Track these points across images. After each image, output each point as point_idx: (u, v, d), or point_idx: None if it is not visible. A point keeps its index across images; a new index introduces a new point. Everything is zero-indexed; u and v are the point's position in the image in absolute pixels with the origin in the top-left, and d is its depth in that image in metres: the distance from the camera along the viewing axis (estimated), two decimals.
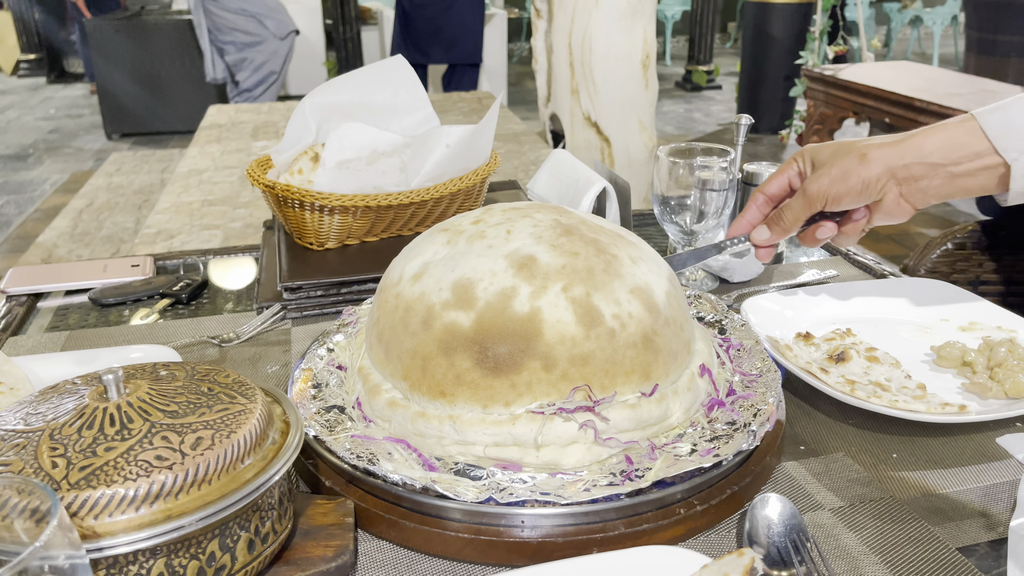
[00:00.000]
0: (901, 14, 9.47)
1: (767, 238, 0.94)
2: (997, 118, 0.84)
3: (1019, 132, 0.82)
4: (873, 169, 0.86)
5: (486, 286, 0.72)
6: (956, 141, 0.85)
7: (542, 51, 3.78)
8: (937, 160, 0.85)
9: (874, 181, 0.86)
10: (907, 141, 0.87)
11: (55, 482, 0.53)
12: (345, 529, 0.66)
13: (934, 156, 0.85)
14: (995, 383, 0.88)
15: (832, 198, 0.89)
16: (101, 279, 1.23)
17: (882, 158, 0.87)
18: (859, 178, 0.87)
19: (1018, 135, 0.82)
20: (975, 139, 0.84)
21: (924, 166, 0.86)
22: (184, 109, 6.41)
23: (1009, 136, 0.83)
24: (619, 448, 0.71)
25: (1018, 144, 0.82)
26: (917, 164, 0.86)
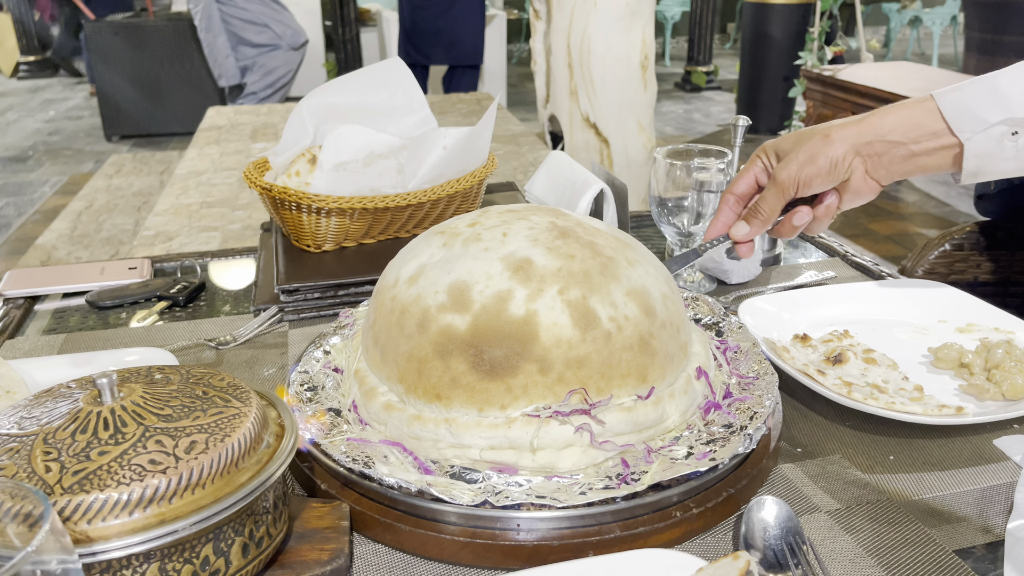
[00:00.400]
0: (900, 14, 9.48)
1: (746, 232, 0.94)
2: (953, 99, 0.85)
3: (973, 114, 0.84)
4: (838, 148, 0.88)
5: (482, 289, 0.72)
6: (914, 120, 0.86)
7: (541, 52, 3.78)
8: (896, 138, 0.87)
9: (841, 159, 0.88)
10: (867, 120, 0.89)
11: (48, 486, 0.52)
12: (340, 533, 0.66)
13: (894, 134, 0.87)
14: (992, 385, 0.87)
15: (803, 182, 0.90)
16: (98, 281, 1.23)
17: (845, 137, 0.88)
18: (826, 158, 0.88)
19: (972, 117, 0.84)
20: (932, 119, 0.86)
21: (885, 143, 0.87)
22: (183, 111, 6.42)
23: (964, 117, 0.84)
24: (615, 451, 0.71)
25: (971, 125, 0.84)
26: (879, 142, 0.87)
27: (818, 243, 1.37)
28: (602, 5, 3.37)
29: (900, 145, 0.87)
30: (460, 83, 5.36)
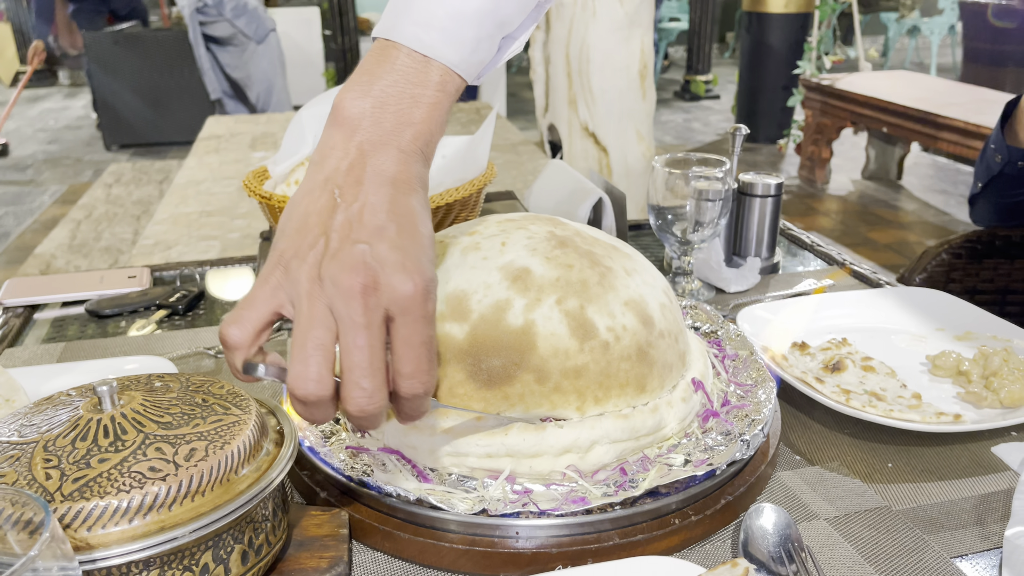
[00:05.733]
0: (899, 24, 9.51)
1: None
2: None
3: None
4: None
5: (480, 298, 0.72)
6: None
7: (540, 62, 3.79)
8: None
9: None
10: None
11: (49, 494, 0.53)
12: (339, 540, 0.66)
13: None
14: (990, 392, 0.88)
15: None
16: (98, 290, 1.23)
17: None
18: None
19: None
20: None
21: None
22: (183, 120, 6.43)
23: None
24: (613, 461, 0.71)
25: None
26: None
27: (817, 251, 1.37)
28: (601, 14, 3.38)
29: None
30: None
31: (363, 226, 0.58)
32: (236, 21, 5.39)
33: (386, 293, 0.56)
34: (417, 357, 0.58)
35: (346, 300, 0.55)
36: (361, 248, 0.56)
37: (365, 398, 0.56)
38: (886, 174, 5.46)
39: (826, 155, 5.29)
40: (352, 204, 0.59)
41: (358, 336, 0.55)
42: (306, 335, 0.56)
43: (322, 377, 0.56)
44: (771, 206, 1.26)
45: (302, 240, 0.59)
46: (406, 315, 0.57)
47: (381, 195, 0.59)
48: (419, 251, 0.59)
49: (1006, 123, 1.36)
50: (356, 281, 0.55)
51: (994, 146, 1.37)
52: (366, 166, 0.60)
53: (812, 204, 5.08)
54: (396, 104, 0.62)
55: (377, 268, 0.56)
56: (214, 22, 5.40)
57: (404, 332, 0.57)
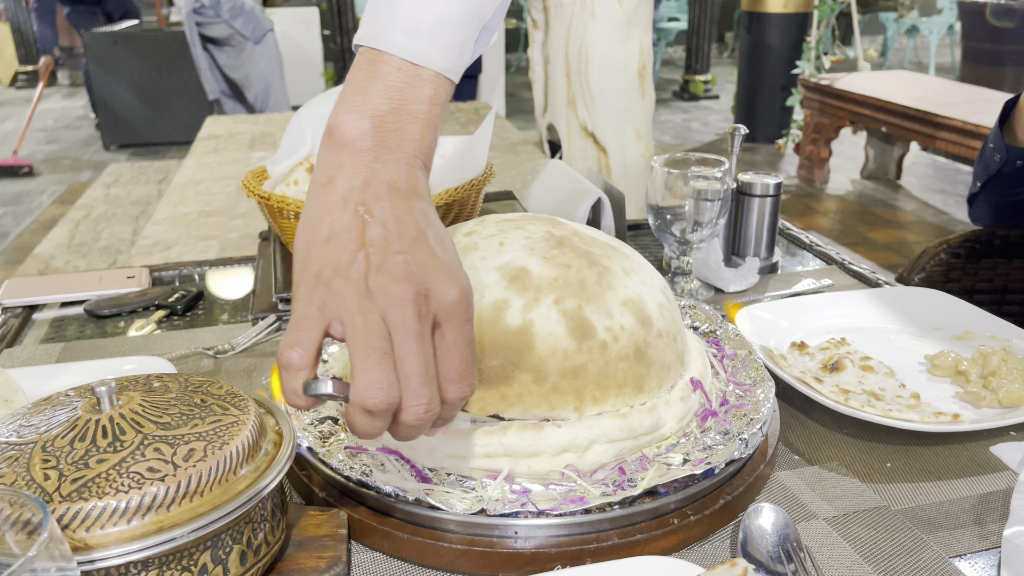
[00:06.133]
0: (897, 24, 9.51)
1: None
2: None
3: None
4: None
5: (478, 298, 0.72)
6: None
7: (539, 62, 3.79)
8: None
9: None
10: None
11: (47, 494, 0.53)
12: (338, 540, 0.66)
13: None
14: (989, 392, 0.88)
15: None
16: (96, 291, 1.23)
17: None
18: None
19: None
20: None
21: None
22: (182, 120, 6.43)
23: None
24: (611, 460, 0.71)
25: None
26: None
27: (816, 251, 1.37)
28: (600, 15, 3.38)
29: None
30: (458, 92, 5.36)
31: (400, 238, 0.58)
32: (233, 22, 5.39)
33: (435, 300, 0.57)
34: (465, 361, 0.58)
35: (399, 309, 0.56)
36: (404, 258, 0.57)
37: (424, 406, 0.57)
38: (885, 174, 5.46)
39: (825, 155, 5.29)
40: (381, 219, 0.59)
41: (413, 344, 0.56)
42: (368, 346, 0.56)
43: (392, 384, 0.56)
44: (770, 206, 1.26)
45: (339, 259, 0.58)
46: (452, 320, 0.57)
47: (405, 208, 0.59)
48: (452, 256, 0.60)
49: (1005, 122, 1.36)
50: (408, 290, 0.56)
51: (993, 145, 1.37)
52: (382, 182, 0.60)
53: (811, 204, 5.08)
54: (395, 123, 0.62)
55: (424, 276, 0.57)
56: (211, 23, 5.40)
57: (451, 336, 0.57)
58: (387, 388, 0.55)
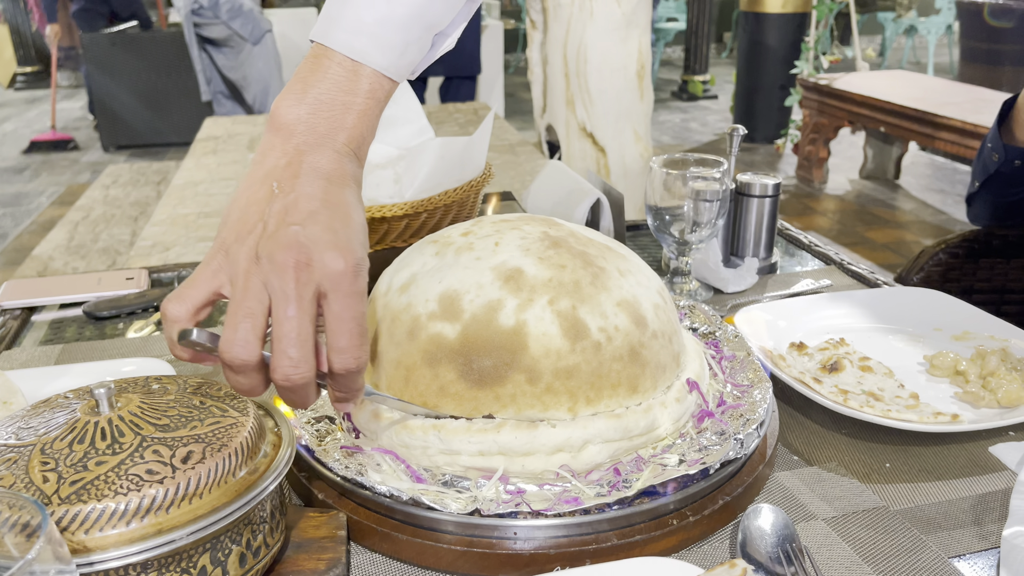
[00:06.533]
0: (896, 23, 9.51)
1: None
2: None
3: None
4: None
5: (472, 298, 0.72)
6: None
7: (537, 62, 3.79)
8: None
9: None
10: None
11: (46, 496, 0.53)
12: (337, 542, 0.66)
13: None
14: (988, 392, 0.88)
15: None
16: (96, 292, 1.23)
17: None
18: None
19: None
20: None
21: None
22: (181, 121, 6.43)
23: None
24: (606, 461, 0.71)
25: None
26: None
27: (814, 251, 1.37)
28: (598, 15, 3.38)
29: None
30: (457, 93, 5.37)
31: (298, 211, 0.62)
32: (232, 23, 5.39)
33: (318, 269, 0.59)
34: (349, 332, 0.60)
35: (279, 274, 0.59)
36: (295, 229, 0.60)
37: (291, 367, 0.59)
38: (883, 173, 5.46)
39: (824, 155, 5.29)
40: (289, 194, 0.63)
41: (288, 308, 0.59)
42: (239, 306, 0.60)
43: (248, 342, 0.59)
44: (768, 206, 1.26)
45: (242, 227, 0.63)
46: (337, 291, 0.60)
47: (316, 186, 0.63)
48: (350, 233, 0.62)
49: (1003, 122, 1.36)
50: (289, 257, 0.59)
51: (991, 145, 1.37)
52: (303, 163, 0.64)
53: (810, 204, 5.08)
54: (329, 111, 0.66)
55: (310, 246, 0.60)
56: (209, 24, 5.40)
57: (336, 307, 0.60)
58: (244, 345, 0.59)
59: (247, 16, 5.42)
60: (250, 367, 0.60)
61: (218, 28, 5.42)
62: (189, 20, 5.36)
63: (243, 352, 0.59)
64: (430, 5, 0.68)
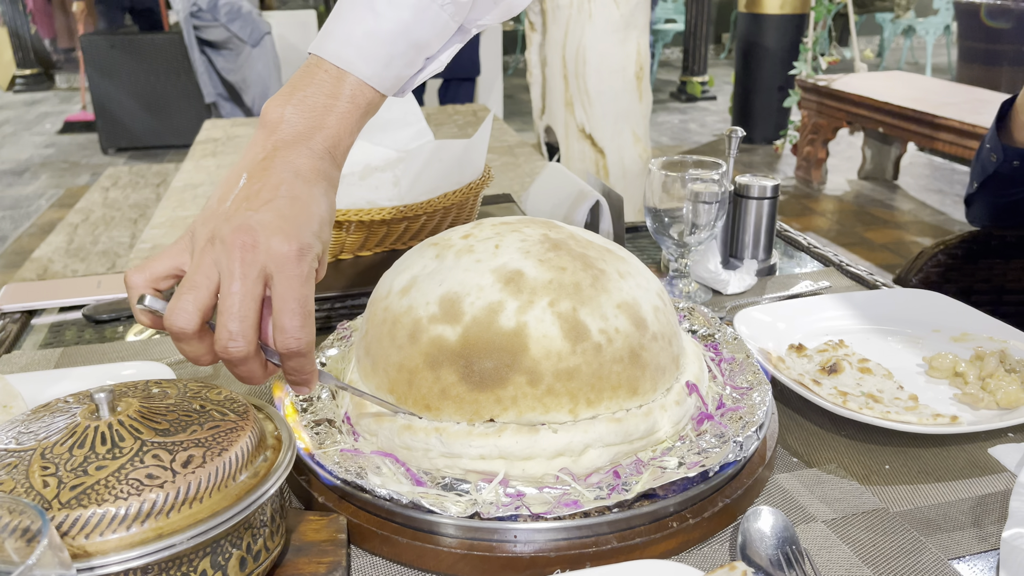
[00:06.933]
0: (894, 24, 9.52)
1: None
2: None
3: None
4: None
5: (473, 300, 0.72)
6: None
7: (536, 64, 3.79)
8: None
9: None
10: None
11: (46, 501, 0.53)
12: (338, 545, 0.66)
13: None
14: (987, 394, 0.88)
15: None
16: (95, 295, 1.23)
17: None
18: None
19: None
20: None
21: None
22: (180, 124, 6.42)
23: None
24: (606, 464, 0.71)
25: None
26: None
27: (813, 253, 1.37)
28: (597, 17, 3.39)
29: None
30: (456, 95, 5.38)
31: (257, 199, 0.66)
32: (230, 25, 5.39)
33: (263, 251, 0.63)
34: (291, 312, 0.63)
35: (227, 254, 0.63)
36: (248, 214, 0.65)
37: (230, 339, 0.63)
38: (882, 174, 5.47)
39: (822, 155, 5.30)
40: (254, 184, 0.67)
41: (232, 284, 0.63)
42: (188, 279, 0.65)
43: (187, 312, 0.63)
44: (767, 208, 1.26)
45: (208, 211, 0.68)
46: (281, 273, 0.63)
47: (281, 179, 0.67)
48: (302, 221, 0.66)
49: (1001, 123, 1.36)
50: (238, 238, 0.63)
51: (989, 146, 1.37)
52: (276, 158, 0.69)
53: (808, 204, 5.08)
54: (311, 111, 0.71)
55: (259, 230, 0.63)
56: (208, 26, 5.41)
57: (280, 289, 0.63)
58: (183, 314, 0.63)
59: (246, 18, 5.43)
60: (188, 335, 0.64)
61: (217, 30, 5.43)
62: (188, 22, 5.36)
63: (181, 320, 0.63)
64: (415, 24, 0.73)
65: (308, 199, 0.67)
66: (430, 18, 0.74)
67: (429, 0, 0.74)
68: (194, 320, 0.63)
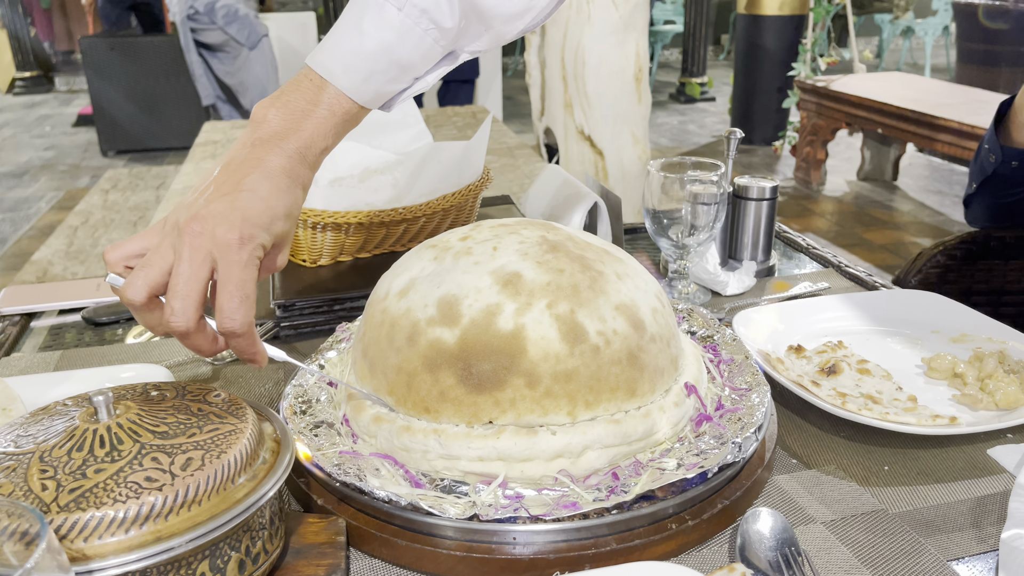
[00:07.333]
0: (893, 25, 9.52)
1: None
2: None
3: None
4: None
5: (471, 303, 0.72)
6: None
7: (536, 65, 3.80)
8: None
9: None
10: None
11: (45, 504, 0.53)
12: (337, 548, 0.66)
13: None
14: (986, 395, 0.88)
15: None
16: (95, 298, 1.23)
17: None
18: None
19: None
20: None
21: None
22: (179, 126, 6.42)
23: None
24: (605, 466, 0.71)
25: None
26: None
27: (812, 254, 1.37)
28: (596, 18, 3.39)
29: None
30: (455, 97, 5.38)
31: (216, 191, 0.72)
32: (228, 28, 5.40)
33: (209, 238, 0.68)
34: (229, 295, 0.69)
35: (179, 238, 0.69)
36: (207, 205, 0.70)
37: (171, 314, 0.68)
38: (881, 175, 5.47)
39: (821, 156, 5.30)
40: (222, 177, 0.73)
41: (179, 266, 0.68)
42: (145, 259, 0.70)
43: (137, 287, 0.69)
44: (766, 209, 1.26)
45: (184, 203, 0.73)
46: (223, 258, 0.69)
47: (244, 174, 0.73)
48: (253, 213, 0.71)
49: (1000, 123, 1.36)
50: (188, 225, 0.69)
51: (988, 146, 1.37)
52: (248, 155, 0.75)
53: (808, 205, 5.08)
54: (290, 114, 0.77)
55: (208, 218, 0.69)
56: (205, 29, 5.41)
57: (222, 273, 0.69)
58: (133, 288, 0.69)
59: (243, 21, 5.43)
60: (136, 306, 0.70)
61: (214, 33, 5.43)
62: (185, 25, 5.37)
63: (130, 292, 0.69)
64: (398, 45, 0.79)
65: (266, 194, 0.72)
66: (413, 41, 0.79)
67: (412, 24, 0.78)
68: (142, 293, 0.69)
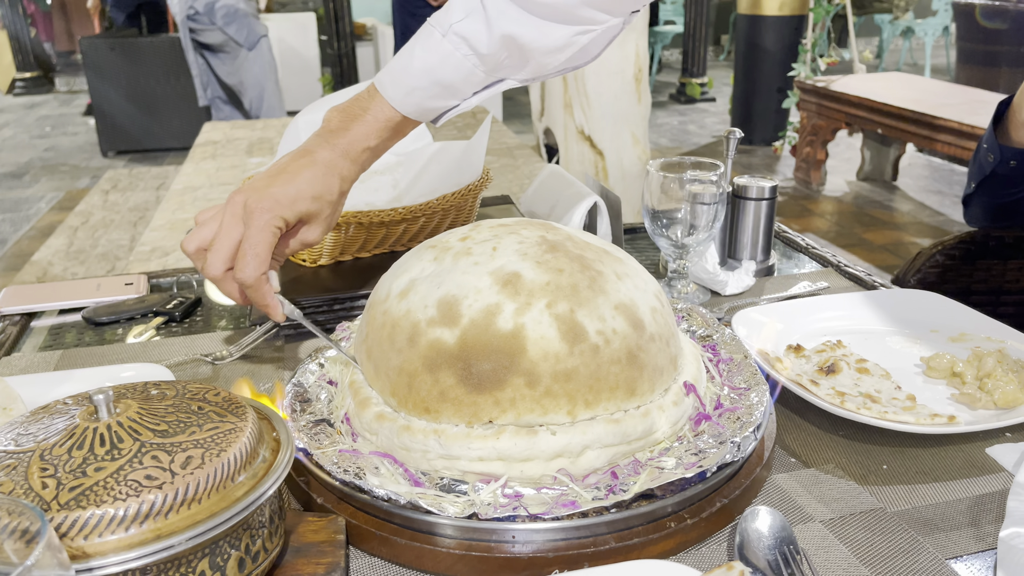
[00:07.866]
0: (893, 25, 9.52)
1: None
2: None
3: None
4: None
5: (471, 303, 0.72)
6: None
7: None
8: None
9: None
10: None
11: (45, 503, 0.53)
12: (336, 546, 0.66)
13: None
14: (984, 394, 0.88)
15: None
16: (95, 298, 1.23)
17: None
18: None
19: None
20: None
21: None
22: (179, 126, 6.43)
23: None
24: (604, 465, 0.71)
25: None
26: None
27: (812, 254, 1.37)
28: None
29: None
30: None
31: (267, 175, 0.90)
32: (227, 28, 5.40)
33: (247, 209, 0.86)
34: (243, 252, 0.86)
35: (227, 207, 0.88)
36: (254, 183, 0.89)
37: (209, 265, 0.87)
38: (881, 175, 5.47)
39: (821, 157, 5.30)
40: (278, 162, 0.92)
41: (221, 228, 0.87)
42: (202, 222, 0.90)
43: (191, 241, 0.89)
44: (766, 209, 1.27)
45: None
46: (248, 224, 0.86)
47: (299, 163, 0.91)
48: (279, 191, 0.88)
49: (999, 123, 1.36)
50: (234, 198, 0.88)
51: (987, 146, 1.37)
52: (306, 146, 0.94)
53: (807, 205, 5.09)
54: (346, 117, 0.95)
55: (248, 192, 0.88)
56: (205, 29, 5.41)
57: (245, 235, 0.86)
58: (190, 242, 0.89)
59: (242, 21, 5.43)
60: (189, 255, 0.89)
61: (214, 33, 5.44)
62: (185, 26, 5.37)
63: (186, 244, 0.89)
64: (440, 67, 0.94)
65: (300, 178, 0.89)
66: (454, 64, 0.93)
67: (452, 48, 0.93)
68: (192, 245, 0.88)
